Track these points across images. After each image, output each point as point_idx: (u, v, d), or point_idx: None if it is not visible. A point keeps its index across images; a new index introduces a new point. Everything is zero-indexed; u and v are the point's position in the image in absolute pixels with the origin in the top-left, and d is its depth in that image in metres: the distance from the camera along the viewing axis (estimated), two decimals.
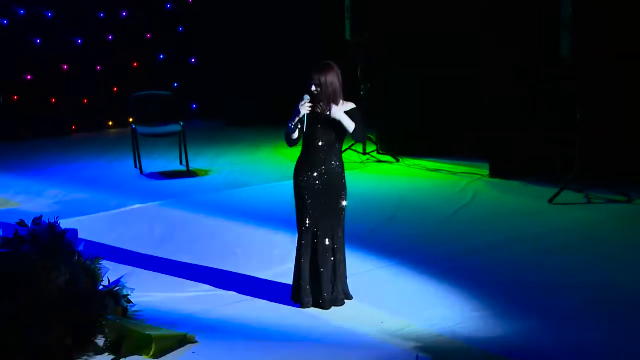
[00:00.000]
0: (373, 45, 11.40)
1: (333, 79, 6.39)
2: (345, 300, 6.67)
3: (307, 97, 6.34)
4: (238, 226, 8.63)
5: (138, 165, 10.92)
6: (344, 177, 6.61)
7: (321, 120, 6.40)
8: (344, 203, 6.61)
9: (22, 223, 6.27)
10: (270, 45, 13.46)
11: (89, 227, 8.48)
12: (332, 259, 6.56)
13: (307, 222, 6.49)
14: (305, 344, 6.03)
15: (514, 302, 6.67)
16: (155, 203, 9.49)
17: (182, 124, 10.98)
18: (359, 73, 11.48)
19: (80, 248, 6.51)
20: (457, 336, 6.11)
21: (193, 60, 14.44)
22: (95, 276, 6.38)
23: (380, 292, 6.92)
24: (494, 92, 10.26)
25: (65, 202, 9.64)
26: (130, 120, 11.03)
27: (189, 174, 10.80)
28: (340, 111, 6.41)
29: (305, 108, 6.34)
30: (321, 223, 6.52)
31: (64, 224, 8.31)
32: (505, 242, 8.08)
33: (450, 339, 6.07)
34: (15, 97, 13.06)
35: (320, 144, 6.46)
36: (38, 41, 13.12)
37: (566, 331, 6.17)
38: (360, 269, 7.39)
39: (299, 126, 6.39)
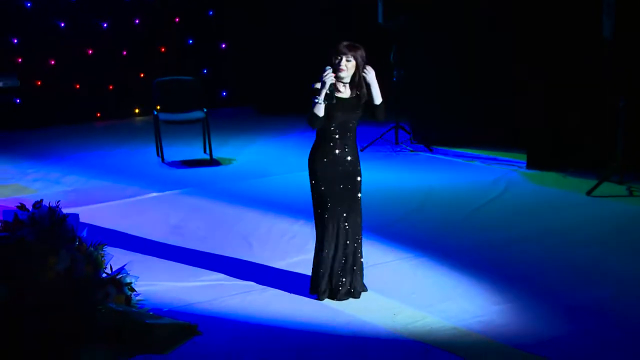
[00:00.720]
0: (408, 29, 11.32)
1: (363, 54, 6.37)
2: (362, 292, 6.64)
3: (329, 68, 6.31)
4: (256, 215, 8.65)
5: (160, 154, 10.97)
6: (359, 163, 6.58)
7: (341, 103, 6.37)
8: (360, 189, 6.57)
9: (22, 207, 6.31)
10: (302, 31, 13.45)
11: (103, 215, 8.65)
12: (353, 249, 6.55)
13: (328, 211, 6.46)
14: (313, 334, 6.01)
15: (537, 296, 6.59)
16: (172, 191, 9.55)
17: (205, 110, 11.03)
18: (391, 58, 11.41)
19: (83, 234, 6.56)
20: (473, 330, 6.05)
21: (223, 45, 14.49)
22: (97, 263, 6.40)
23: (397, 284, 6.88)
24: (532, 78, 10.13)
25: (82, 189, 9.75)
26: (158, 107, 11.09)
27: (212, 162, 10.86)
28: (374, 77, 6.39)
29: (329, 78, 6.30)
30: (342, 212, 6.50)
31: (79, 211, 8.46)
32: (535, 235, 7.99)
33: (465, 332, 6.01)
34: (39, 83, 13.23)
35: (339, 128, 6.43)
36: (62, 25, 13.27)
37: (590, 327, 6.07)
38: (380, 260, 7.38)
39: (326, 101, 6.33)
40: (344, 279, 6.56)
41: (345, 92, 6.39)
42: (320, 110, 6.31)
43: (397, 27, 11.28)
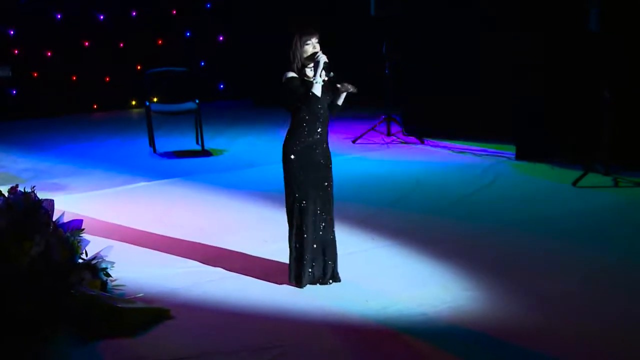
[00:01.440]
0: (400, 21, 11.39)
1: None
2: (336, 280, 6.73)
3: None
4: (240, 204, 8.75)
5: (152, 144, 11.07)
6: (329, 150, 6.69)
7: (324, 90, 6.47)
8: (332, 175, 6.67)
9: None
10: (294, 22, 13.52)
11: (90, 203, 8.77)
12: (331, 236, 6.65)
13: (306, 197, 6.54)
14: (284, 320, 6.10)
15: (512, 285, 6.67)
16: (160, 181, 9.65)
17: (197, 101, 11.12)
18: (383, 51, 11.47)
19: (60, 220, 6.68)
20: (441, 315, 6.13)
21: (221, 38, 14.57)
22: (73, 248, 6.53)
23: (372, 272, 6.97)
24: (520, 71, 10.21)
25: (72, 179, 9.85)
26: (153, 99, 11.20)
27: (203, 153, 10.96)
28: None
29: (323, 57, 6.41)
30: (319, 199, 6.59)
31: (66, 199, 8.61)
32: (516, 224, 8.06)
33: (434, 318, 6.10)
34: (35, 74, 13.33)
35: (311, 113, 6.52)
36: (59, 17, 13.37)
37: (557, 314, 6.15)
38: (358, 248, 7.47)
39: (322, 80, 6.42)
40: (322, 266, 6.64)
41: (310, 74, 6.48)
42: (318, 90, 6.43)
43: (389, 19, 11.30)
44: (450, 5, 11.18)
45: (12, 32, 13.12)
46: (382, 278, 6.83)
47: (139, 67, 13.73)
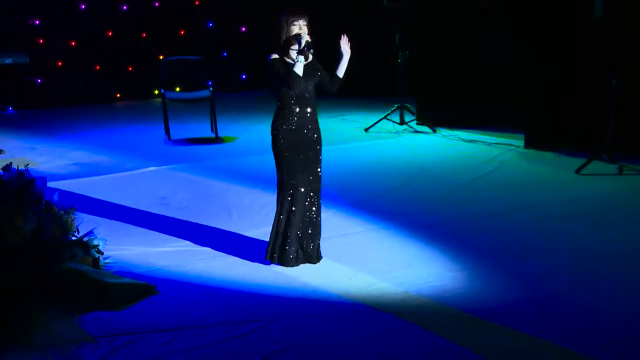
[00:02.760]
0: (413, 11, 11.46)
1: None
2: (321, 259, 6.84)
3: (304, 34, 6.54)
4: (243, 189, 8.88)
5: (167, 131, 11.26)
6: (320, 130, 6.77)
7: (305, 71, 6.56)
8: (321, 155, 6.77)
9: None
10: (313, 17, 13.64)
11: (98, 186, 8.97)
12: (316, 215, 6.76)
13: (295, 178, 6.66)
14: (265, 297, 6.22)
15: (499, 266, 6.72)
16: (169, 166, 9.82)
17: (211, 89, 11.28)
18: (396, 41, 11.55)
19: (55, 198, 6.85)
20: (422, 294, 6.20)
21: (243, 29, 14.72)
22: (66, 226, 6.68)
23: (361, 253, 7.06)
24: (528, 61, 10.24)
25: (84, 163, 10.06)
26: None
27: (216, 140, 11.11)
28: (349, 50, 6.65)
29: (305, 36, 6.51)
30: (307, 179, 6.71)
31: (76, 182, 8.84)
32: (512, 209, 8.12)
33: (414, 296, 6.17)
34: (60, 63, 13.59)
35: (298, 95, 6.62)
36: (83, 7, 13.61)
37: (539, 294, 6.20)
38: (351, 231, 7.58)
39: (304, 58, 6.53)
40: (307, 245, 6.75)
41: (294, 56, 6.58)
42: (300, 69, 6.52)
43: (402, 8, 11.38)
44: (459, 2, 11.24)
45: (37, 22, 13.38)
46: (370, 259, 6.92)
47: (161, 57, 13.89)
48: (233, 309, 6.05)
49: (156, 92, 14.20)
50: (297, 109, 6.63)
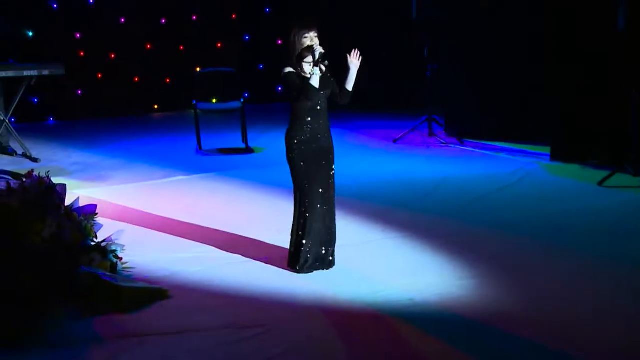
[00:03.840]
0: (441, 25, 11.55)
1: None
2: (334, 265, 6.96)
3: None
4: (266, 198, 9.01)
5: (198, 141, 11.45)
6: (332, 139, 6.90)
7: (320, 83, 6.68)
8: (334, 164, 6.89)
9: (15, 176, 6.85)
10: (344, 29, 13.83)
11: (127, 194, 9.20)
12: (331, 224, 6.89)
13: (311, 186, 6.80)
14: (274, 303, 6.34)
15: (506, 276, 6.77)
16: (197, 175, 10.00)
17: (242, 101, 11.45)
18: (425, 54, 11.64)
19: (75, 204, 7.05)
20: (428, 301, 6.28)
21: (280, 42, 14.86)
22: (85, 231, 6.88)
23: (372, 261, 7.15)
24: (554, 73, 10.27)
25: (115, 172, 10.27)
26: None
27: (246, 150, 11.27)
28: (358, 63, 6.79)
29: (319, 48, 6.64)
30: (321, 189, 6.83)
31: (104, 190, 9.05)
32: (531, 219, 8.18)
33: (420, 303, 6.25)
34: (100, 75, 13.86)
35: (318, 107, 6.75)
36: (122, 20, 13.88)
37: (547, 303, 6.27)
38: (366, 239, 7.70)
39: (320, 71, 6.65)
40: (321, 253, 6.87)
41: (308, 68, 6.70)
42: (316, 81, 6.64)
43: (431, 23, 11.47)
44: (486, 12, 11.29)
45: (78, 35, 13.66)
46: (381, 266, 7.02)
47: (198, 69, 14.10)
48: (240, 313, 6.18)
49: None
50: (311, 120, 6.75)
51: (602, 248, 7.35)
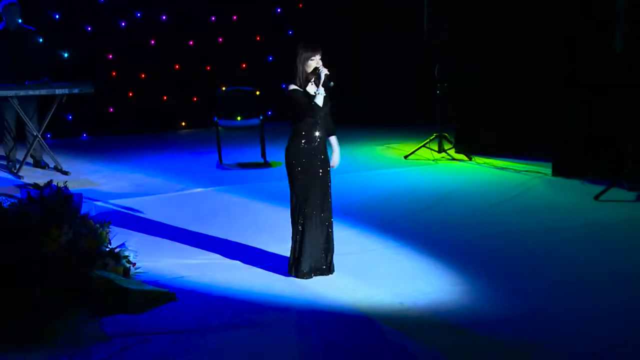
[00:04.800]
0: (452, 46, 11.69)
1: None
2: (333, 272, 7.14)
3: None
4: (276, 209, 9.15)
5: (219, 156, 11.66)
6: (328, 153, 7.08)
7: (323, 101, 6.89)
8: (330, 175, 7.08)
9: (35, 186, 7.08)
10: (367, 48, 14.05)
11: (147, 204, 9.38)
12: (329, 231, 7.11)
13: (308, 200, 7.00)
14: (271, 305, 6.51)
15: (498, 282, 6.93)
16: (215, 187, 10.19)
17: (261, 118, 11.65)
18: (435, 73, 11.77)
19: (92, 212, 7.27)
20: (418, 306, 6.43)
21: None
22: (100, 238, 7.10)
23: (371, 267, 7.33)
24: (556, 93, 10.39)
25: (139, 185, 10.48)
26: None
27: (264, 165, 11.46)
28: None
29: (324, 70, 6.89)
30: (318, 200, 7.03)
31: (127, 201, 9.27)
32: (527, 231, 8.30)
33: (409, 307, 6.41)
34: (130, 94, 14.13)
35: (318, 122, 6.94)
36: (152, 42, 14.15)
37: (533, 308, 6.40)
38: (367, 248, 7.86)
39: (324, 91, 6.88)
40: (320, 260, 7.04)
41: (312, 88, 6.88)
42: (320, 100, 6.87)
43: (441, 43, 11.61)
44: (493, 37, 11.43)
45: (110, 56, 13.95)
46: (378, 273, 7.18)
47: (224, 88, 14.33)
48: (238, 314, 6.37)
49: None
50: (310, 135, 6.93)
51: (593, 258, 7.45)
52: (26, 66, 11.13)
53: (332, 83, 6.91)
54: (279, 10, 14.91)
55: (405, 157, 11.80)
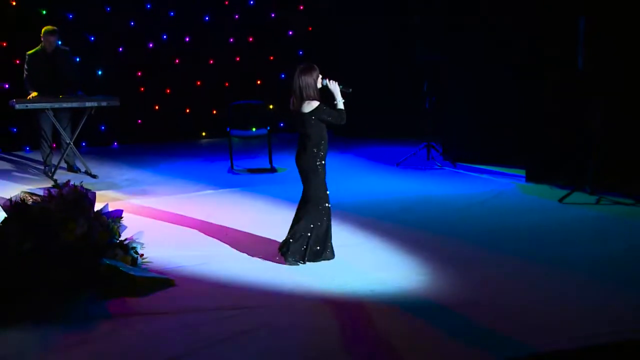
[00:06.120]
0: (439, 64, 11.94)
1: None
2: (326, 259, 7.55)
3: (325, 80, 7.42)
4: (280, 207, 9.36)
5: (231, 163, 11.97)
6: None
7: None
8: None
9: (55, 185, 7.41)
10: (371, 67, 14.33)
11: (162, 203, 9.67)
12: (328, 224, 7.51)
13: (326, 194, 7.43)
14: (259, 290, 6.79)
15: (461, 271, 7.16)
16: (224, 189, 10.51)
17: (269, 128, 11.96)
18: (424, 88, 12.03)
19: (105, 209, 7.58)
20: (387, 292, 6.68)
21: None
22: (112, 231, 7.40)
23: (351, 259, 7.54)
24: (531, 106, 10.60)
25: (156, 187, 10.76)
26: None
27: (271, 170, 11.74)
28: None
29: (334, 82, 7.44)
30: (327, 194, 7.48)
31: (145, 200, 9.59)
32: (493, 229, 8.49)
33: (380, 293, 6.65)
34: (157, 107, 14.50)
35: (327, 132, 7.43)
36: (177, 61, 14.52)
37: (491, 291, 6.67)
38: (349, 243, 8.07)
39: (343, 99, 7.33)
40: (320, 248, 7.47)
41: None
42: (342, 106, 7.40)
43: (431, 61, 11.88)
44: (479, 53, 11.66)
45: (139, 74, 14.32)
46: (355, 264, 7.40)
47: (236, 102, 14.67)
48: (228, 298, 6.63)
49: None
50: (325, 137, 7.27)
51: (552, 253, 7.65)
52: (61, 82, 11.49)
53: (350, 89, 7.22)
54: (290, 33, 15.22)
55: (397, 164, 12.04)
